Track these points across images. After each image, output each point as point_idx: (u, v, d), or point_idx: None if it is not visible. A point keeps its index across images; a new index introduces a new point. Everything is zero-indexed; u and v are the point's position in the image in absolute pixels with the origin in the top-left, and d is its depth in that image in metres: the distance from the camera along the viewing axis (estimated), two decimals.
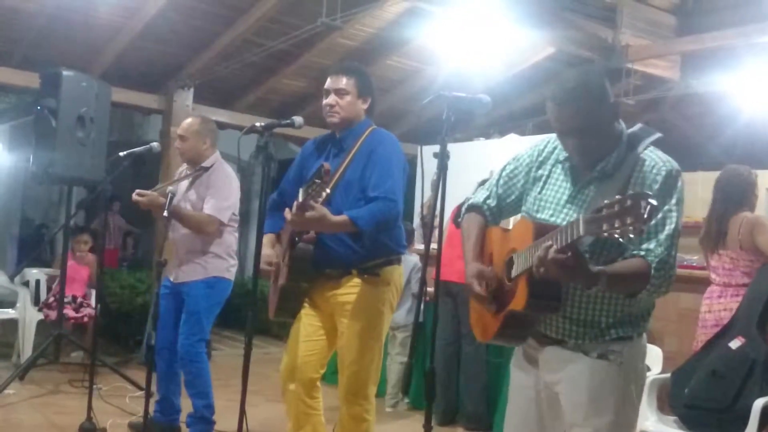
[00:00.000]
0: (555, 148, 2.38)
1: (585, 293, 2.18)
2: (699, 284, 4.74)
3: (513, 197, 2.46)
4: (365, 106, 3.34)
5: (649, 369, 4.22)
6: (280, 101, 8.14)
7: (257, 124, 3.11)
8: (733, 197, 4.47)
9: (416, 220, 7.12)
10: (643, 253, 2.09)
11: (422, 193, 3.04)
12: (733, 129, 8.78)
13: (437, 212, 2.37)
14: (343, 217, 3.07)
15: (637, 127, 2.30)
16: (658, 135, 2.25)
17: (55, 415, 4.92)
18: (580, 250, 2.00)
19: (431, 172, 2.50)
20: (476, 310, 2.44)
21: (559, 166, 2.34)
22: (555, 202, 2.29)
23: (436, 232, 2.57)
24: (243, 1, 6.33)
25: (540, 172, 2.38)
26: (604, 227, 1.80)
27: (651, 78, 8.00)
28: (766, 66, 6.74)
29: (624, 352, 2.22)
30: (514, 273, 2.18)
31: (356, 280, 3.25)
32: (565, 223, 2.10)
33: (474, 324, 2.48)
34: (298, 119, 3.23)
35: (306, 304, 3.37)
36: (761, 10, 6.39)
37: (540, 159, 2.40)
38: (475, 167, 4.60)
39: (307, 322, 3.35)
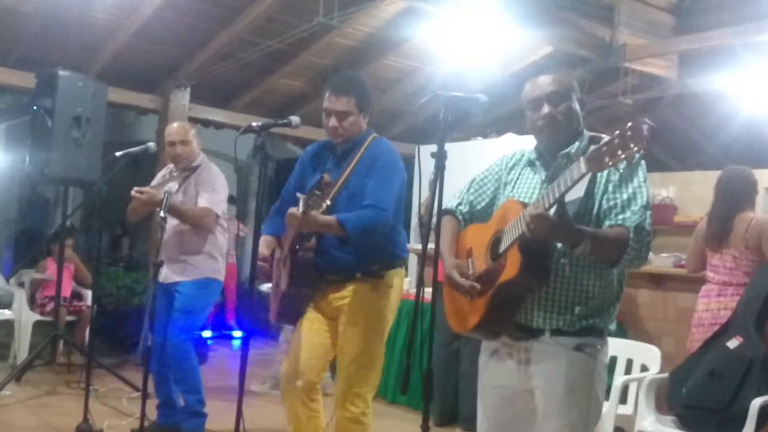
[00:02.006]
0: (523, 156, 2.52)
1: (573, 271, 2.27)
2: (697, 284, 4.74)
3: (484, 203, 2.58)
4: (366, 120, 3.34)
5: (647, 369, 4.22)
6: (277, 101, 8.12)
7: (254, 123, 3.12)
8: (735, 197, 4.50)
9: (414, 220, 7.10)
10: (620, 221, 2.20)
11: (420, 192, 3.03)
12: (731, 128, 8.79)
13: (435, 212, 2.37)
14: (331, 218, 3.08)
15: (597, 134, 2.47)
16: None
17: (52, 417, 4.91)
18: (566, 207, 2.09)
19: (429, 171, 2.50)
20: (452, 302, 2.48)
21: (528, 167, 2.48)
22: (527, 194, 2.41)
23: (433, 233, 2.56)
24: (239, 0, 6.32)
25: (510, 176, 2.53)
26: (607, 159, 1.92)
27: (648, 77, 8.01)
28: (763, 65, 6.74)
29: (598, 346, 2.33)
30: (502, 248, 2.26)
31: (359, 283, 3.25)
32: None
33: (451, 316, 2.51)
34: (295, 119, 3.23)
35: (310, 309, 3.36)
36: (758, 9, 6.38)
37: (510, 165, 2.55)
38: (472, 167, 4.57)
39: (310, 326, 3.35)
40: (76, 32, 6.46)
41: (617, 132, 1.92)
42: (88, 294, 6.77)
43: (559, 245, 2.28)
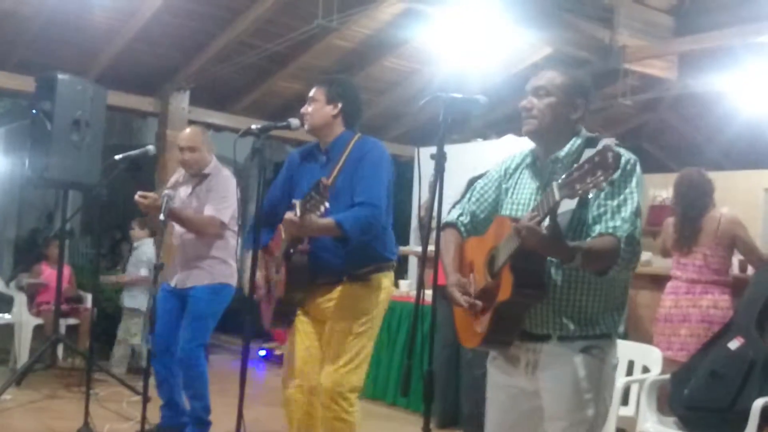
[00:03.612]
0: (523, 159, 2.53)
1: (568, 283, 2.28)
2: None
3: (487, 212, 2.57)
4: (335, 112, 3.35)
5: (648, 370, 4.21)
6: (276, 103, 8.11)
7: (253, 126, 3.12)
8: (700, 198, 4.63)
9: (414, 222, 7.10)
10: (611, 230, 2.20)
11: (419, 194, 3.04)
12: (731, 129, 8.78)
13: (435, 214, 2.37)
14: (329, 221, 3.08)
15: (597, 134, 2.47)
16: (614, 139, 2.36)
17: (53, 421, 4.91)
18: (557, 221, 2.09)
19: (428, 173, 2.49)
20: (460, 318, 2.48)
21: (526, 171, 2.47)
22: (525, 203, 2.41)
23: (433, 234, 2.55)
24: (239, 2, 6.31)
25: (510, 182, 2.53)
26: (578, 187, 1.95)
27: (648, 78, 8.00)
28: (763, 66, 6.73)
29: (605, 348, 2.33)
30: (496, 267, 2.26)
31: (346, 286, 3.27)
32: None
33: (461, 331, 2.51)
34: (294, 121, 3.25)
35: (300, 313, 3.38)
36: (758, 9, 6.37)
37: (509, 172, 2.55)
38: (472, 168, 4.59)
39: (302, 331, 3.37)
40: (75, 36, 6.46)
41: (586, 159, 1.96)
42: (88, 298, 6.77)
43: (550, 260, 2.28)
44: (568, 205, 2.16)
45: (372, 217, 3.16)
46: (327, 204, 2.92)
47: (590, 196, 2.04)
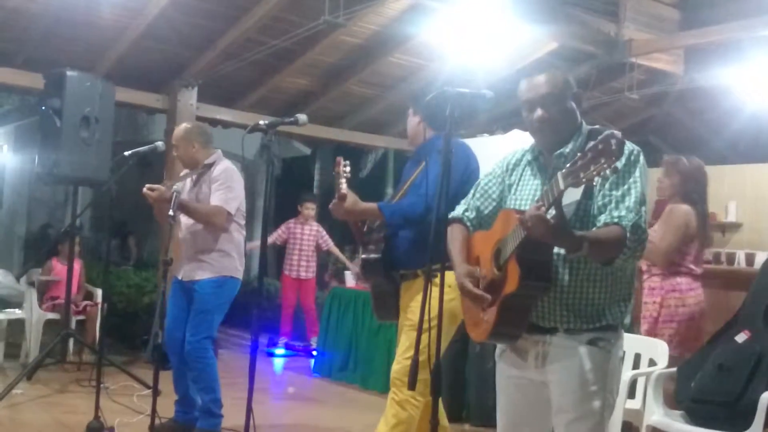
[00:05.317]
0: (524, 155, 2.53)
1: (575, 276, 2.30)
2: (705, 279, 4.73)
3: (490, 208, 2.59)
4: (417, 120, 3.54)
5: (654, 363, 4.22)
6: (283, 99, 8.13)
7: (261, 122, 3.16)
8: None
9: None
10: (616, 220, 2.21)
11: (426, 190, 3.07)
12: (737, 123, 8.77)
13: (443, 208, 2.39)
14: (371, 204, 3.32)
15: (597, 126, 2.47)
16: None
17: (63, 415, 4.94)
18: (563, 211, 2.11)
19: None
20: (470, 311, 2.50)
21: (528, 168, 2.49)
22: (528, 198, 2.42)
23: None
24: None
25: (512, 178, 2.54)
26: (582, 175, 1.95)
27: (654, 72, 7.99)
28: None
29: (612, 340, 2.35)
30: (502, 259, 2.28)
31: (419, 282, 3.35)
32: None
33: (469, 325, 2.54)
34: (301, 117, 3.28)
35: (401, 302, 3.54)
36: (765, 2, 6.36)
37: (511, 167, 2.56)
38: (479, 163, 4.61)
39: (400, 321, 3.53)
40: (83, 33, 6.49)
41: (589, 147, 1.96)
42: (98, 293, 6.82)
43: (556, 250, 2.29)
44: (573, 195, 2.17)
45: (409, 206, 3.31)
46: (343, 180, 3.27)
47: (595, 184, 2.04)
